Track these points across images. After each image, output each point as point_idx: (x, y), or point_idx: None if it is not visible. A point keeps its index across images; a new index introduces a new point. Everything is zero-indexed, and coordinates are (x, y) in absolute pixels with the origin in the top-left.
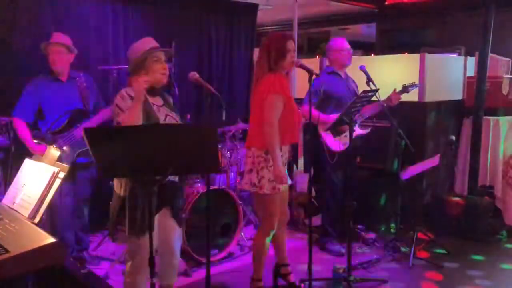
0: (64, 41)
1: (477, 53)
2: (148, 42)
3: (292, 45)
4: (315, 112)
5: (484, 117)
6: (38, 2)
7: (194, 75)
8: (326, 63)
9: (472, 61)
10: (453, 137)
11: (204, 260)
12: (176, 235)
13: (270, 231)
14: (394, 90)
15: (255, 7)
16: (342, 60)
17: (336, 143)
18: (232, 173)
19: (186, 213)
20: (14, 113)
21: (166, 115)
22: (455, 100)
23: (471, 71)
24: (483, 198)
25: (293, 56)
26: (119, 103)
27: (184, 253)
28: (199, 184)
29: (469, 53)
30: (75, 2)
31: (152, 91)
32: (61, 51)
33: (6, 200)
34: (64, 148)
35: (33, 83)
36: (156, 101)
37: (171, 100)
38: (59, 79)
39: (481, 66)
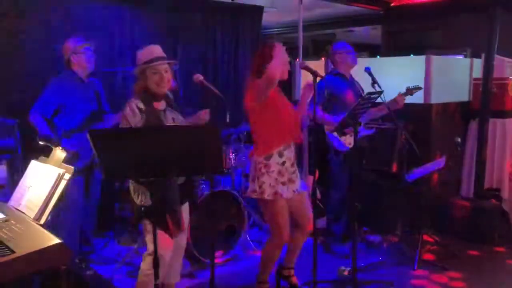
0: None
1: (483, 55)
2: (151, 52)
3: (277, 50)
4: (319, 113)
5: (491, 119)
6: (47, 4)
7: (198, 77)
8: (331, 66)
9: (478, 63)
10: (459, 139)
11: (208, 261)
12: (184, 236)
13: (281, 244)
14: (399, 93)
15: (260, 9)
16: (349, 61)
17: (342, 143)
18: (237, 175)
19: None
20: (34, 109)
21: (172, 118)
22: (461, 102)
23: (477, 73)
24: (490, 200)
25: (282, 61)
26: (129, 118)
27: (188, 255)
28: (204, 186)
29: (475, 55)
30: (83, 3)
31: (155, 97)
32: (92, 51)
33: (12, 201)
34: (73, 150)
35: (58, 81)
36: (161, 105)
37: (171, 98)
38: (82, 80)
39: (487, 67)
